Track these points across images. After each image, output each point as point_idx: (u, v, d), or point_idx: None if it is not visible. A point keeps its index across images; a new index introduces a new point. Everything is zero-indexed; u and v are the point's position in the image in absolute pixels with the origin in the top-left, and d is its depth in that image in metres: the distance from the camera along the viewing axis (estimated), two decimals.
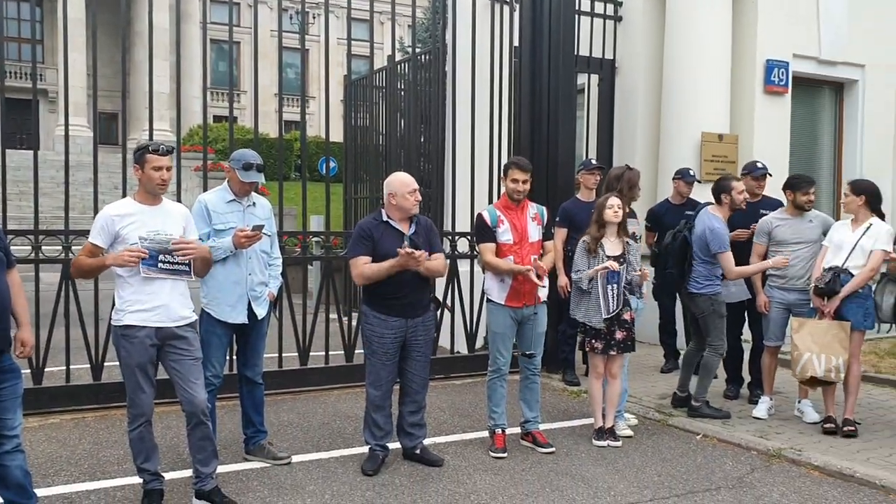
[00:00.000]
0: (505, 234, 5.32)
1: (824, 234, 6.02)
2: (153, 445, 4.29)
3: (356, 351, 7.26)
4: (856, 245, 5.63)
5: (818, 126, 10.28)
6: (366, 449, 5.11)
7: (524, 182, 5.32)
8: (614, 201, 5.51)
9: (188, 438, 4.30)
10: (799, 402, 6.21)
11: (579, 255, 5.54)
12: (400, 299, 4.89)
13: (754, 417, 6.14)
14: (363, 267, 4.85)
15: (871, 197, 5.70)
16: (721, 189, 6.07)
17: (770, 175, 6.77)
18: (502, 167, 5.49)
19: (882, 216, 5.70)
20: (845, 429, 5.63)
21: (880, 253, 5.55)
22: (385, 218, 4.95)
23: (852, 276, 5.59)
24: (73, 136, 27.77)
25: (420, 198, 4.97)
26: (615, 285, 5.38)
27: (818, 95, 10.23)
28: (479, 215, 5.47)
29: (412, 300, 4.93)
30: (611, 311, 5.42)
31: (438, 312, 5.48)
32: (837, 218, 9.87)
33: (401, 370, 5.07)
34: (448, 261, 6.52)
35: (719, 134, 9.03)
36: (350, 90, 11.96)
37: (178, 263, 4.13)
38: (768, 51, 9.30)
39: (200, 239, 4.57)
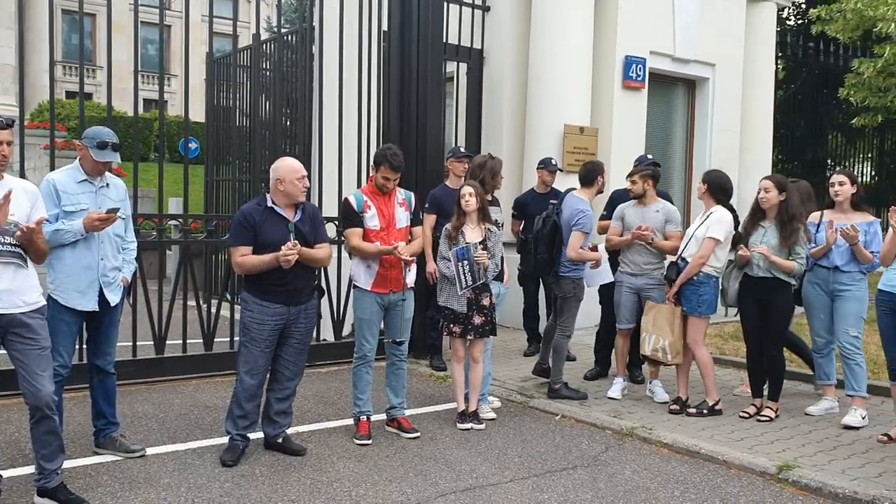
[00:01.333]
0: (372, 220, 5.29)
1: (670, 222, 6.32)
2: None
3: (216, 339, 7.07)
4: (692, 234, 5.96)
5: (672, 121, 10.81)
6: (225, 439, 4.97)
7: (394, 181, 5.33)
8: (467, 189, 5.58)
9: (31, 433, 4.01)
10: (650, 382, 6.53)
11: (442, 242, 5.60)
12: (284, 286, 4.76)
13: (608, 398, 6.40)
14: (241, 258, 4.72)
15: (712, 186, 5.98)
16: (596, 172, 6.35)
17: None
18: (375, 157, 5.38)
19: (730, 208, 6.00)
20: (687, 409, 5.96)
21: (709, 241, 5.80)
22: (270, 203, 4.81)
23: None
24: None
25: (308, 185, 4.86)
26: (465, 262, 5.44)
27: (672, 91, 10.74)
28: (346, 200, 5.42)
29: (296, 287, 4.81)
30: (463, 286, 5.45)
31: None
32: (689, 207, 10.48)
33: (274, 356, 4.95)
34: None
35: (580, 126, 9.32)
36: (213, 69, 11.54)
37: (13, 247, 3.84)
38: (627, 47, 9.67)
39: (47, 220, 4.27)
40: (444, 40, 8.29)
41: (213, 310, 7.11)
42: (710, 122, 10.80)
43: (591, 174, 6.37)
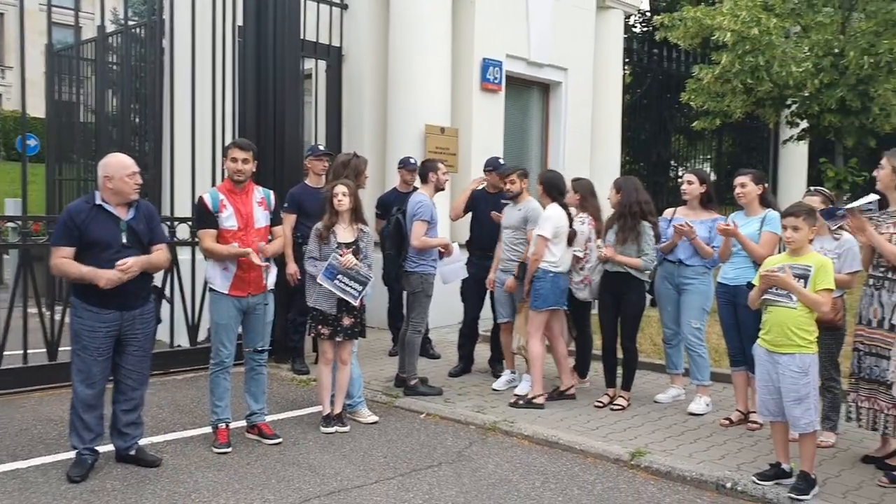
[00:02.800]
0: (229, 220, 5.09)
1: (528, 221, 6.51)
2: None
3: (60, 348, 6.65)
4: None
5: (528, 122, 11.12)
6: (72, 454, 4.68)
7: (244, 161, 5.11)
8: (340, 188, 5.52)
9: None
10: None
11: (312, 242, 5.49)
12: (115, 291, 4.50)
13: (493, 389, 6.61)
14: (60, 261, 4.45)
15: (546, 186, 6.26)
16: (428, 169, 6.53)
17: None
18: (225, 148, 5.25)
19: (563, 206, 6.22)
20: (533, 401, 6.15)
21: (539, 239, 6.06)
22: (98, 201, 4.55)
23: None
24: None
25: (140, 181, 4.63)
26: (340, 276, 5.38)
27: (528, 94, 11.05)
28: (200, 199, 5.18)
29: (129, 291, 4.55)
30: (356, 297, 5.42)
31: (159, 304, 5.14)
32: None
33: (115, 366, 4.69)
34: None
35: (441, 127, 9.42)
36: (53, 62, 10.85)
37: None
38: (484, 50, 9.86)
39: None
40: (302, 37, 8.16)
41: (58, 317, 6.68)
42: (563, 124, 11.18)
43: (424, 171, 6.60)
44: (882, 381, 4.59)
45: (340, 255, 5.38)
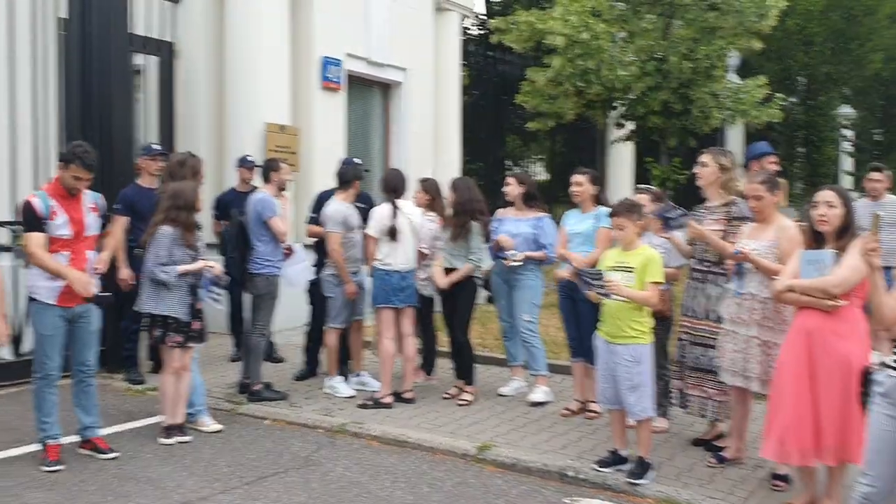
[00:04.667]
0: (61, 228, 4.78)
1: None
2: None
3: None
4: None
5: (370, 121, 11.13)
6: None
7: (86, 182, 4.88)
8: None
9: None
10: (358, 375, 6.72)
11: (163, 247, 5.25)
12: None
13: (346, 397, 6.42)
14: None
15: (381, 184, 6.52)
16: (270, 168, 6.51)
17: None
18: (64, 155, 4.86)
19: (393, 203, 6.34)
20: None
21: (366, 237, 6.30)
22: None
23: None
24: None
25: None
26: (213, 287, 5.39)
27: (369, 94, 11.06)
28: (28, 203, 4.81)
29: None
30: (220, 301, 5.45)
31: None
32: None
33: None
34: None
35: (281, 125, 9.26)
36: None
37: None
38: (324, 48, 9.77)
39: None
40: (131, 31, 7.77)
41: None
42: (404, 125, 11.27)
43: (265, 171, 6.60)
44: (710, 369, 4.93)
45: (210, 266, 5.41)
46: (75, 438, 5.16)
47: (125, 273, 6.48)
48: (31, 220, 4.78)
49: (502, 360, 7.09)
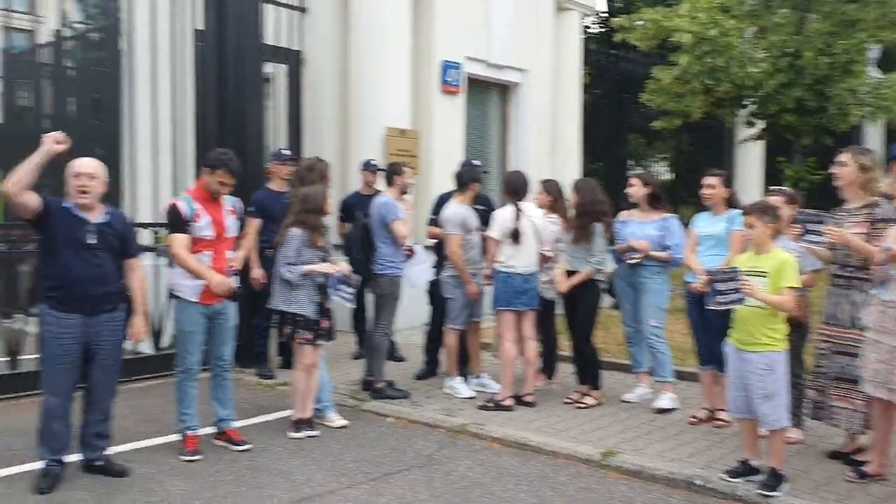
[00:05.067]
0: (205, 230, 5.05)
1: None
2: None
3: (23, 357, 6.50)
4: None
5: (488, 123, 11.17)
6: (39, 465, 4.60)
7: (229, 187, 5.15)
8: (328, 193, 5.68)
9: None
10: (478, 377, 6.74)
11: (291, 248, 5.44)
12: (78, 295, 4.45)
13: (465, 398, 6.45)
14: None
15: (503, 186, 6.48)
16: (394, 171, 6.60)
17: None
18: (210, 161, 5.13)
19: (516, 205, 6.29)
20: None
21: (488, 240, 6.28)
22: (66, 203, 4.50)
23: None
24: None
25: (87, 185, 4.49)
26: (342, 285, 5.53)
27: (488, 96, 11.10)
28: (174, 206, 5.10)
29: (93, 296, 4.50)
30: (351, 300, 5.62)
31: None
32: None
33: (84, 375, 4.62)
34: None
35: (402, 129, 9.43)
36: (11, 66, 10.60)
37: None
38: (444, 52, 9.88)
39: None
40: (262, 41, 8.09)
41: (19, 325, 6.54)
42: (523, 126, 11.25)
43: (388, 174, 6.68)
44: (857, 379, 4.62)
45: (335, 266, 5.55)
46: (211, 430, 5.41)
47: (257, 273, 6.75)
48: (176, 222, 5.06)
49: (625, 365, 6.95)
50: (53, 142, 4.33)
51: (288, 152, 7.48)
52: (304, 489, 4.60)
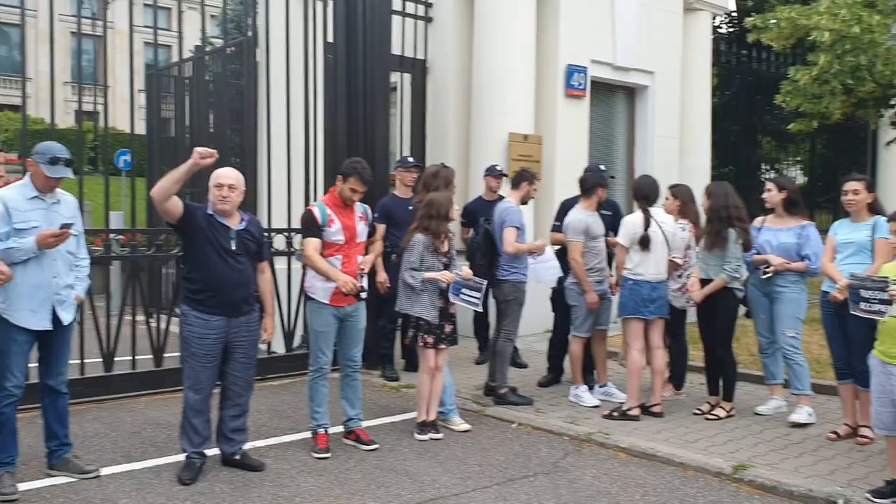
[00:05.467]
0: (336, 234, 5.25)
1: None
2: None
3: (165, 355, 6.92)
4: None
5: (613, 128, 11.01)
6: (181, 457, 4.88)
7: (361, 194, 5.32)
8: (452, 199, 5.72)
9: None
10: (604, 385, 6.65)
11: (415, 253, 5.54)
12: (221, 297, 4.69)
13: (590, 406, 6.36)
14: None
15: (633, 191, 6.36)
16: (523, 178, 6.55)
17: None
18: (344, 169, 5.33)
19: (646, 211, 6.14)
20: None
21: (618, 247, 6.14)
22: (209, 210, 4.76)
23: None
24: None
25: (227, 195, 4.72)
26: (463, 290, 5.57)
27: (613, 99, 10.94)
28: (309, 212, 5.35)
29: (234, 299, 4.74)
30: (477, 304, 5.61)
31: None
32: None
33: (222, 373, 4.87)
34: None
35: (525, 134, 9.42)
36: (154, 80, 11.33)
37: None
38: (569, 56, 9.82)
39: None
40: (389, 52, 8.29)
41: (162, 325, 6.95)
42: (650, 129, 11.03)
43: (517, 179, 6.60)
44: None
45: (460, 272, 5.59)
46: (340, 429, 5.58)
47: (382, 276, 6.91)
48: (310, 226, 5.28)
49: (757, 377, 6.69)
50: (201, 156, 4.59)
51: (412, 159, 7.63)
52: (430, 490, 4.67)
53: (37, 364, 4.72)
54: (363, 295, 5.31)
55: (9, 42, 37.73)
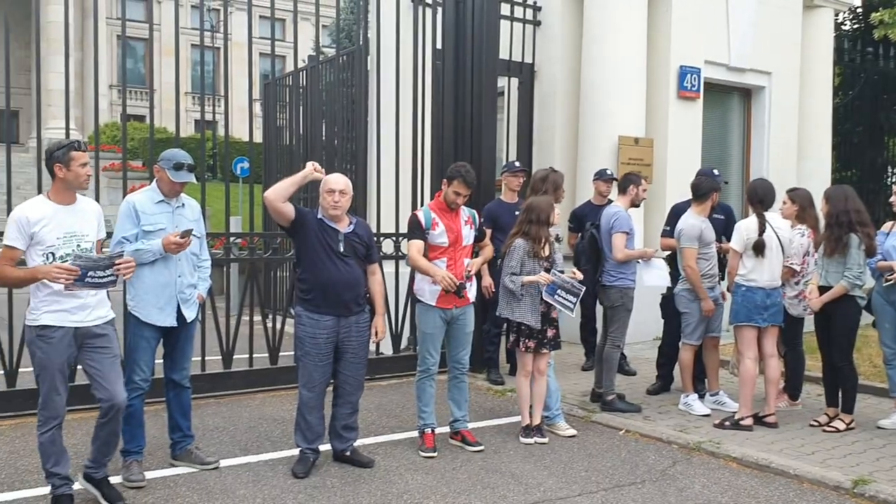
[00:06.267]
0: (440, 237, 5.35)
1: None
2: (63, 449, 4.22)
3: (281, 353, 7.19)
4: None
5: (728, 130, 10.71)
6: (295, 452, 5.06)
7: (464, 197, 5.40)
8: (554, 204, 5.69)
9: (97, 431, 4.28)
10: (715, 394, 6.48)
11: (515, 258, 5.56)
12: (330, 298, 4.85)
13: (700, 415, 6.23)
14: None
15: (747, 195, 6.15)
16: (630, 182, 6.46)
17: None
18: (448, 173, 5.43)
19: (761, 215, 5.94)
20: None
21: (731, 251, 5.98)
22: (319, 215, 4.93)
23: None
24: None
25: (338, 201, 4.86)
26: (559, 291, 5.52)
27: (728, 101, 10.65)
28: (414, 215, 5.48)
29: (345, 300, 4.89)
30: (572, 308, 5.56)
31: None
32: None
33: (334, 372, 5.03)
34: None
35: (635, 137, 9.29)
36: (271, 90, 11.78)
37: (105, 278, 4.02)
38: (681, 57, 9.62)
39: (127, 240, 4.59)
40: (497, 57, 8.33)
41: (278, 325, 7.23)
42: (766, 131, 10.68)
43: (624, 183, 6.50)
44: None
45: (560, 273, 5.54)
46: (446, 430, 5.66)
47: (487, 281, 6.95)
48: (414, 229, 5.42)
49: (881, 389, 6.38)
50: (314, 169, 4.84)
51: (518, 164, 7.64)
52: (535, 493, 4.68)
53: (162, 360, 5.01)
54: (464, 293, 5.34)
55: (135, 55, 39.98)
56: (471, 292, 5.51)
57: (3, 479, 4.74)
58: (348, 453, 5.13)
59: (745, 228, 5.86)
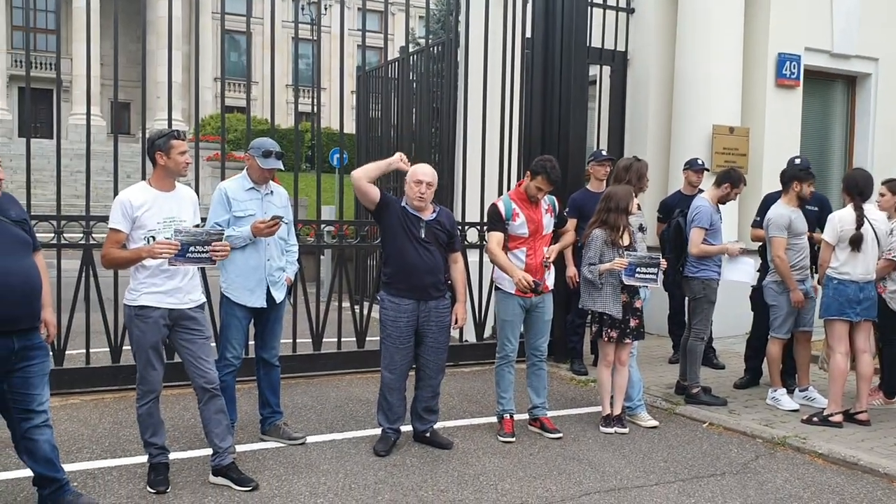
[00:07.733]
0: (521, 227, 5.40)
1: None
2: (160, 420, 4.46)
3: (367, 338, 7.41)
4: None
5: (829, 119, 10.31)
6: (377, 431, 5.24)
7: (545, 192, 5.44)
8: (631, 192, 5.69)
9: (202, 414, 4.45)
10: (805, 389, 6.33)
11: (593, 248, 5.57)
12: (411, 282, 4.99)
13: (788, 410, 6.12)
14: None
15: (844, 185, 5.92)
16: (726, 179, 6.31)
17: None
18: (533, 167, 5.43)
19: (859, 207, 5.73)
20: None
21: (823, 244, 5.80)
22: (403, 203, 5.07)
23: None
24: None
25: (424, 192, 4.97)
26: (639, 269, 5.47)
27: (830, 89, 10.25)
28: (494, 205, 5.53)
29: (424, 284, 5.01)
30: (656, 282, 5.54)
31: None
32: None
33: (416, 355, 5.17)
34: None
35: (730, 126, 9.08)
36: (364, 81, 12.03)
37: (204, 254, 4.23)
38: (780, 44, 9.33)
39: (220, 225, 4.84)
40: (588, 45, 8.29)
41: (366, 310, 7.45)
42: (871, 121, 10.23)
43: (723, 177, 6.37)
44: None
45: (625, 261, 5.49)
46: (525, 416, 5.73)
47: (571, 271, 6.96)
48: (494, 220, 5.48)
49: None
50: (400, 160, 5.04)
51: (605, 152, 7.59)
52: (612, 481, 4.70)
53: (253, 340, 5.26)
54: (541, 289, 5.37)
55: (238, 48, 41.37)
56: (549, 280, 5.54)
57: (106, 448, 5.08)
58: (428, 434, 5.27)
59: (840, 220, 5.69)
